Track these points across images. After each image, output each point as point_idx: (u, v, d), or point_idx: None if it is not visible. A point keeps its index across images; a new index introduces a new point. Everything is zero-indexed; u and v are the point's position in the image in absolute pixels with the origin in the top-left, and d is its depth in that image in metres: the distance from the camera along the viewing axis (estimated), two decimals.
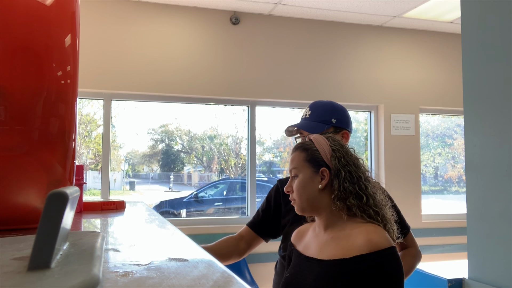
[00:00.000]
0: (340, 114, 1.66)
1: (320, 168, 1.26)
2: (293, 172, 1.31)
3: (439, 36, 4.38)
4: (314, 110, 1.67)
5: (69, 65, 0.63)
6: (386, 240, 1.15)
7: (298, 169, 1.29)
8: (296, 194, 1.29)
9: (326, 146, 1.30)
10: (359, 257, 1.13)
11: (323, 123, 1.62)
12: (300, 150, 1.33)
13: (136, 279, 0.35)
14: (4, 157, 0.58)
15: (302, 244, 1.35)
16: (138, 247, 0.53)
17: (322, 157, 1.28)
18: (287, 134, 1.72)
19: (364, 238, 1.15)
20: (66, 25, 0.64)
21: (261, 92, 3.87)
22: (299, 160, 1.30)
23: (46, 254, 0.27)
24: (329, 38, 4.09)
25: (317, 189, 1.25)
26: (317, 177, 1.26)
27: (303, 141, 1.35)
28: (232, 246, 1.70)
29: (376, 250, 1.12)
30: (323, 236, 1.27)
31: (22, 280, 0.25)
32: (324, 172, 1.26)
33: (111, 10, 3.57)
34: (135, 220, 0.91)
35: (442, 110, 4.40)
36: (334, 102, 1.72)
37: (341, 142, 1.33)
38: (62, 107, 0.63)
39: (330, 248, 1.21)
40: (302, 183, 1.27)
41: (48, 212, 0.27)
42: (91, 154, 3.92)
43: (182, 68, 3.68)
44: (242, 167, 4.10)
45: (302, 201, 1.27)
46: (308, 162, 1.28)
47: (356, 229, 1.19)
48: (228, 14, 3.82)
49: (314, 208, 1.27)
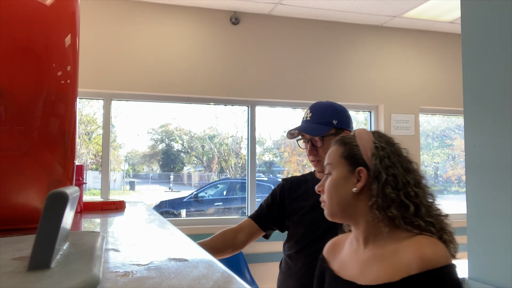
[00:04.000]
0: (341, 115, 1.66)
1: (356, 167, 1.06)
2: (327, 168, 1.13)
3: (439, 36, 4.38)
4: (315, 112, 1.67)
5: (69, 65, 0.63)
6: (442, 256, 0.93)
7: (333, 165, 1.10)
8: (326, 194, 1.09)
9: (368, 142, 1.09)
10: (408, 279, 0.91)
11: (324, 125, 1.62)
12: (338, 144, 1.14)
13: (136, 279, 0.35)
14: (4, 157, 0.58)
15: (337, 261, 1.15)
16: (138, 247, 0.53)
17: (362, 154, 1.07)
18: (288, 137, 1.72)
19: (414, 254, 0.93)
20: (66, 25, 0.64)
21: (261, 92, 3.87)
22: (335, 155, 1.11)
23: (46, 254, 0.27)
24: (329, 38, 4.09)
25: (351, 192, 1.04)
26: (352, 178, 1.06)
27: (345, 135, 1.17)
28: (229, 239, 1.69)
29: (429, 268, 0.91)
30: (363, 253, 1.05)
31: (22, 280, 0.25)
32: (361, 173, 1.05)
33: (111, 10, 3.57)
34: (135, 220, 0.91)
35: (442, 110, 4.40)
36: (334, 103, 1.72)
37: (392, 140, 1.13)
38: (62, 107, 0.63)
39: (373, 270, 1.00)
40: (334, 183, 1.08)
41: (48, 212, 0.27)
42: (91, 154, 3.92)
43: (182, 68, 3.68)
44: (242, 167, 4.10)
45: (332, 204, 1.08)
46: (345, 158, 1.09)
47: (403, 242, 0.98)
48: (228, 14, 3.82)
49: (347, 215, 1.07)
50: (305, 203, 1.64)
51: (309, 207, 1.62)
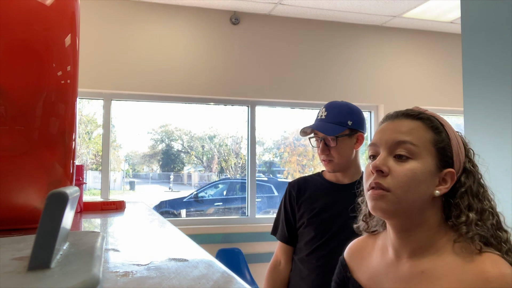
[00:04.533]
0: (356, 116, 1.64)
1: (445, 167, 0.86)
2: (402, 148, 0.85)
3: (439, 36, 4.38)
4: (330, 111, 1.64)
5: (69, 65, 0.63)
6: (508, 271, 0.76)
7: (419, 150, 0.85)
8: (399, 184, 0.83)
9: (458, 138, 0.91)
10: None
11: (339, 125, 1.60)
12: (425, 124, 0.88)
13: (136, 279, 0.35)
14: (4, 157, 0.58)
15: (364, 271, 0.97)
16: (138, 247, 0.53)
17: (453, 152, 0.87)
18: (302, 134, 1.69)
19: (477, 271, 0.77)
20: (66, 25, 0.64)
21: (261, 92, 3.87)
22: (424, 139, 0.86)
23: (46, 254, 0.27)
24: (329, 38, 4.09)
25: (432, 193, 0.84)
26: (436, 177, 0.85)
27: (426, 113, 0.92)
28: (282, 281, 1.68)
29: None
30: (404, 266, 0.86)
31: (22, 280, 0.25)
32: (449, 176, 0.86)
33: (111, 10, 3.57)
34: (135, 220, 0.91)
35: (442, 110, 4.40)
36: (350, 103, 1.69)
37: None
38: (62, 107, 0.63)
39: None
40: (418, 175, 0.83)
41: (48, 212, 0.27)
42: (91, 154, 3.92)
43: (182, 68, 3.68)
44: (242, 167, 4.10)
45: (406, 199, 0.83)
46: (437, 150, 0.86)
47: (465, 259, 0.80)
48: (228, 14, 3.82)
49: (412, 220, 0.85)
50: (315, 205, 1.61)
51: (319, 209, 1.59)
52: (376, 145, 0.90)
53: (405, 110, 0.92)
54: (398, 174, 0.84)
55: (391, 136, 0.87)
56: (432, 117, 0.91)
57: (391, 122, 0.90)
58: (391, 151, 0.86)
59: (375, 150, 0.90)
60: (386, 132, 0.89)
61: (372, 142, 0.92)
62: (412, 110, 0.92)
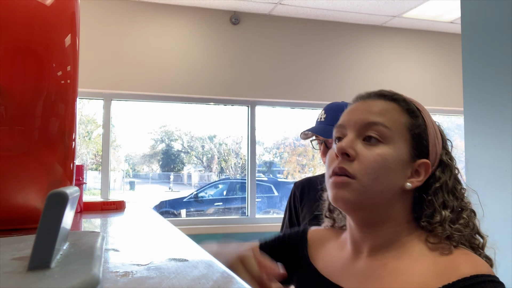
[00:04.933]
0: None
1: (420, 158, 0.76)
2: (372, 130, 0.75)
3: (439, 36, 4.38)
4: (329, 113, 1.64)
5: (69, 65, 0.63)
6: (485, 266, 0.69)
7: (391, 132, 0.74)
8: (365, 170, 0.72)
9: (436, 127, 0.82)
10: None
11: None
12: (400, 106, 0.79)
13: (136, 279, 0.35)
14: (4, 157, 0.58)
15: (322, 259, 0.86)
16: (138, 247, 0.53)
17: (429, 142, 0.78)
18: (302, 137, 1.68)
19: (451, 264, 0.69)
20: (66, 25, 0.64)
21: (261, 92, 3.87)
22: (397, 121, 0.76)
23: (46, 254, 0.27)
24: (329, 38, 4.09)
25: (401, 186, 0.74)
26: (408, 168, 0.75)
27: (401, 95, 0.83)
28: None
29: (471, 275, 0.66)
30: (363, 261, 0.77)
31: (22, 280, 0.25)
32: (423, 167, 0.76)
33: (111, 10, 3.57)
34: (135, 220, 0.91)
35: (442, 110, 4.40)
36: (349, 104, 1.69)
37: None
38: (62, 107, 0.63)
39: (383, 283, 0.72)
40: (389, 161, 0.73)
41: (48, 212, 0.27)
42: (91, 154, 3.92)
43: (182, 68, 3.68)
44: (242, 167, 4.10)
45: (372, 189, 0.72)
46: (412, 137, 0.76)
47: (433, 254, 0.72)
48: (228, 14, 3.82)
49: (381, 215, 0.75)
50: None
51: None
52: (343, 126, 0.79)
53: (379, 90, 0.83)
54: (367, 158, 0.73)
55: (361, 116, 0.77)
56: (408, 100, 0.81)
57: (362, 102, 0.82)
58: (360, 134, 0.76)
59: (341, 132, 0.79)
60: (356, 112, 0.79)
61: (338, 124, 0.81)
62: (386, 91, 0.83)
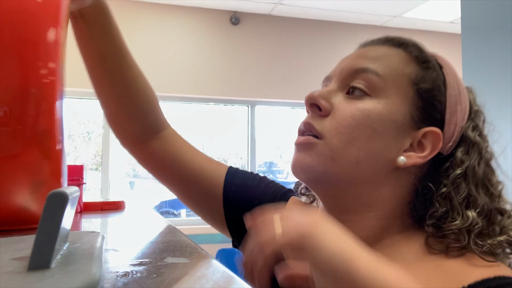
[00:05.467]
0: None
1: (427, 125, 0.54)
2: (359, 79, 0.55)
3: (439, 36, 4.38)
4: None
5: (52, 62, 0.61)
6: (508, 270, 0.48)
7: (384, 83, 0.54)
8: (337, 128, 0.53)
9: (463, 90, 0.58)
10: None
11: None
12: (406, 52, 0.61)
13: (136, 279, 0.35)
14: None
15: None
16: (138, 247, 0.53)
17: (447, 105, 0.55)
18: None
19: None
20: (50, 19, 0.61)
21: (261, 92, 3.87)
22: (397, 69, 0.56)
23: (46, 254, 0.27)
24: (329, 38, 4.09)
25: (391, 159, 0.52)
26: (406, 137, 0.53)
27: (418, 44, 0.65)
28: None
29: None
30: None
31: (22, 280, 0.25)
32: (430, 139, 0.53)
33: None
34: (135, 220, 0.91)
35: None
36: None
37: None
38: (46, 106, 0.61)
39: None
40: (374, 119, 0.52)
41: (48, 212, 0.27)
42: (91, 154, 3.92)
43: (182, 68, 3.68)
44: (242, 167, 4.10)
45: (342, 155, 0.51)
46: (417, 91, 0.55)
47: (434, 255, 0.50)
48: (228, 14, 3.82)
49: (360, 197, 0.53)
50: None
51: None
52: (329, 78, 0.61)
53: (387, 36, 0.65)
54: (342, 113, 0.53)
55: (350, 62, 0.58)
56: (422, 48, 0.62)
57: (360, 49, 0.64)
58: (344, 84, 0.56)
59: (326, 85, 0.62)
60: (346, 59, 0.60)
61: (326, 76, 0.63)
62: (396, 36, 0.64)
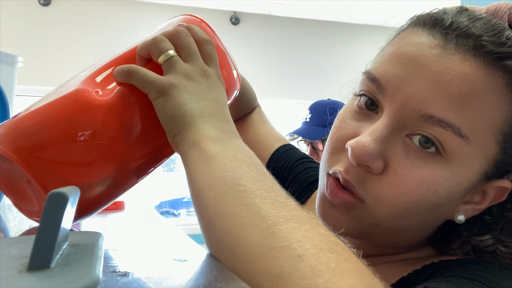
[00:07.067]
0: None
1: (495, 178, 0.41)
2: (437, 131, 0.37)
3: None
4: (314, 113, 1.65)
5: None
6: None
7: (467, 147, 0.38)
8: (387, 201, 0.39)
9: None
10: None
11: (324, 127, 1.60)
12: (506, 76, 0.37)
13: (136, 279, 0.35)
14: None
15: None
16: (138, 247, 0.53)
17: None
18: (289, 138, 1.69)
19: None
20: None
21: (261, 92, 3.87)
22: (488, 119, 0.38)
23: (46, 254, 0.27)
24: (329, 38, 4.09)
25: (446, 217, 0.43)
26: (469, 192, 0.41)
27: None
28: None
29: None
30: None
31: (22, 280, 0.25)
32: (492, 192, 0.42)
33: (111, 10, 3.57)
34: (135, 220, 0.91)
35: None
36: (334, 101, 1.70)
37: None
38: None
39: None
40: (441, 194, 0.39)
41: (48, 212, 0.27)
42: None
43: None
44: None
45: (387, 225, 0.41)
46: (503, 147, 0.39)
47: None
48: (228, 14, 3.82)
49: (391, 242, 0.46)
50: None
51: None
52: (380, 85, 0.43)
53: (482, 30, 0.40)
54: (402, 182, 0.39)
55: (419, 97, 0.38)
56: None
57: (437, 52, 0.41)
58: (407, 125, 0.40)
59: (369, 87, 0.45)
60: (413, 79, 0.39)
61: (372, 75, 0.46)
62: (490, 35, 0.39)
